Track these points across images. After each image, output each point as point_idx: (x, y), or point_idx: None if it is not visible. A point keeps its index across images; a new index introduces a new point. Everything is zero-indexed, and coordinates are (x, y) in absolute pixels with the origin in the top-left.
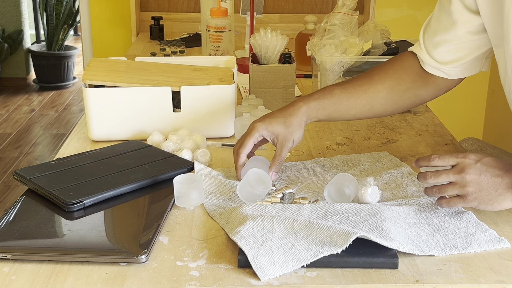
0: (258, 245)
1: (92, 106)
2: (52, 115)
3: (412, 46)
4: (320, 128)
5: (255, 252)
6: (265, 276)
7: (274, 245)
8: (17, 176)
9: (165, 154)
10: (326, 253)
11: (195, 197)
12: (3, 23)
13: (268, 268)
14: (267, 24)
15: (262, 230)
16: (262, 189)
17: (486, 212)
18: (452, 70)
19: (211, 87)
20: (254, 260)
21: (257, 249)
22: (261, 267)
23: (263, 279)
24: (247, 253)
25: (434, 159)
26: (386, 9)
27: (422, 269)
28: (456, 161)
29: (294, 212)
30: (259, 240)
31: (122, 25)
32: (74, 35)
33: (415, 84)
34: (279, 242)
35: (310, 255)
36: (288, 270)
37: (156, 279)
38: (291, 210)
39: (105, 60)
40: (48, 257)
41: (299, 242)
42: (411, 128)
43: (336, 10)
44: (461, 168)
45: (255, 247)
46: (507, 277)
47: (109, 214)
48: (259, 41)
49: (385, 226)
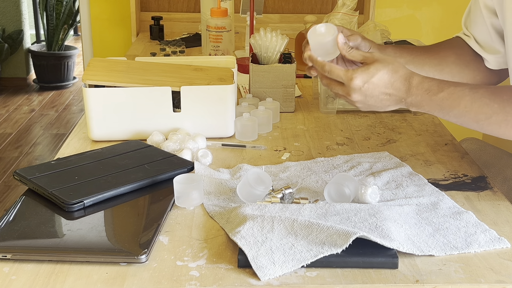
0: (258, 245)
1: (92, 106)
2: (52, 115)
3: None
4: (320, 128)
5: (255, 252)
6: (265, 276)
7: (274, 245)
8: (17, 176)
9: (165, 154)
10: (326, 253)
11: (195, 197)
12: (3, 23)
13: (268, 268)
14: (267, 24)
15: (262, 230)
16: (262, 189)
17: (486, 212)
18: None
19: (211, 87)
20: (254, 260)
21: (257, 249)
22: (261, 267)
23: (263, 279)
24: (247, 253)
25: (325, 69)
26: (386, 9)
27: (422, 269)
28: (342, 79)
29: (294, 212)
30: (259, 240)
31: (122, 25)
32: (74, 35)
33: (475, 60)
34: (279, 242)
35: (310, 255)
36: (288, 270)
37: (156, 279)
38: (291, 210)
39: (105, 60)
40: (48, 257)
41: (299, 242)
42: (411, 128)
43: (336, 10)
44: (347, 91)
45: (255, 247)
46: (507, 277)
47: (109, 214)
48: (259, 41)
49: (385, 226)
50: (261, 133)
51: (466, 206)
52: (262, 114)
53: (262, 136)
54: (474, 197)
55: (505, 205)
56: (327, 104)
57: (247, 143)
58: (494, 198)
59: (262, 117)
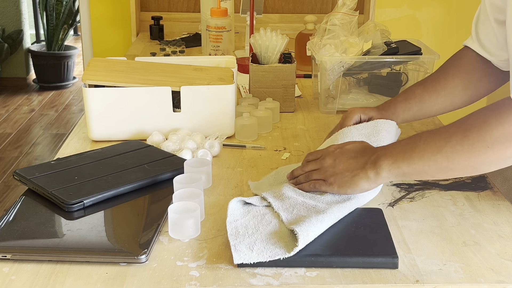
0: (245, 236)
1: (92, 106)
2: (52, 115)
3: (467, 41)
4: (320, 128)
5: (238, 242)
6: (239, 259)
7: (260, 238)
8: (17, 176)
9: (165, 154)
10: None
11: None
12: (3, 23)
13: (245, 253)
14: (267, 24)
15: (261, 221)
16: None
17: (486, 212)
18: (501, 62)
19: (211, 87)
20: (235, 246)
21: (242, 239)
22: (238, 251)
23: (236, 261)
24: (230, 241)
25: (308, 155)
26: (386, 9)
27: (422, 269)
28: (321, 153)
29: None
30: (248, 232)
31: (122, 25)
32: (74, 35)
33: (484, 73)
34: (266, 236)
35: (286, 250)
36: (265, 259)
37: (156, 279)
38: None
39: (105, 60)
40: (48, 257)
41: (283, 238)
42: (411, 128)
43: (336, 10)
44: (322, 157)
45: (240, 237)
46: (507, 277)
47: (109, 214)
48: (259, 41)
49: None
50: (261, 133)
51: (466, 206)
52: (262, 114)
53: (262, 136)
54: (474, 197)
55: (505, 205)
56: (327, 104)
57: (247, 143)
58: (494, 198)
59: (262, 117)
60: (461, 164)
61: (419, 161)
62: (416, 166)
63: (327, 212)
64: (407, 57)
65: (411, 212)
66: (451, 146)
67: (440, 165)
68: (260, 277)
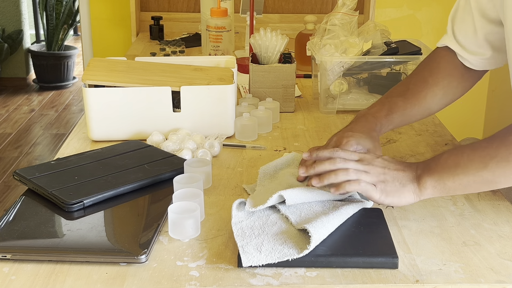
0: (252, 237)
1: (92, 106)
2: (52, 115)
3: (443, 39)
4: (320, 128)
5: (246, 242)
6: (248, 262)
7: (267, 239)
8: (17, 176)
9: (165, 154)
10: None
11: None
12: (3, 23)
13: (253, 255)
14: (267, 24)
15: (266, 222)
16: None
17: (486, 212)
18: (477, 61)
19: (211, 87)
20: (242, 247)
21: (249, 240)
22: (247, 253)
23: (245, 264)
24: (237, 242)
25: (338, 151)
26: (386, 9)
27: (422, 269)
28: (358, 156)
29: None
30: (255, 233)
31: (122, 25)
32: (74, 35)
33: (463, 77)
34: (273, 237)
35: (296, 251)
36: (273, 260)
37: (156, 279)
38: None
39: (105, 60)
40: (48, 257)
41: (292, 238)
42: (411, 128)
43: (336, 10)
44: (367, 161)
45: (247, 238)
46: (507, 277)
47: (109, 214)
48: (259, 41)
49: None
50: (261, 133)
51: (466, 206)
52: (262, 114)
53: (262, 136)
54: (474, 197)
55: (505, 205)
56: (327, 104)
57: (247, 143)
58: (494, 198)
59: (262, 117)
60: (506, 178)
61: (464, 177)
62: (461, 182)
63: (335, 214)
64: (407, 57)
65: (411, 212)
66: (496, 162)
67: (486, 180)
68: (260, 277)
